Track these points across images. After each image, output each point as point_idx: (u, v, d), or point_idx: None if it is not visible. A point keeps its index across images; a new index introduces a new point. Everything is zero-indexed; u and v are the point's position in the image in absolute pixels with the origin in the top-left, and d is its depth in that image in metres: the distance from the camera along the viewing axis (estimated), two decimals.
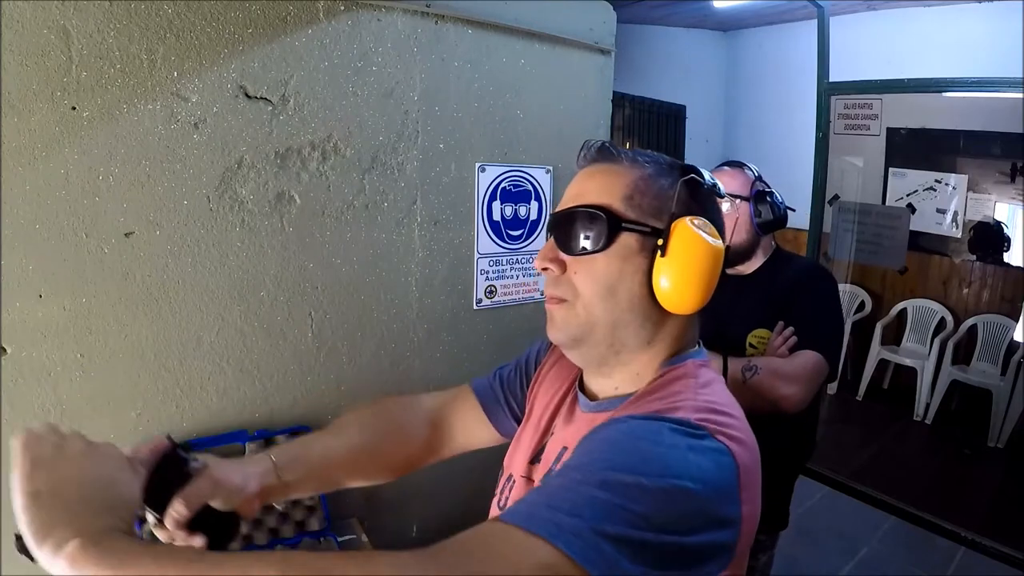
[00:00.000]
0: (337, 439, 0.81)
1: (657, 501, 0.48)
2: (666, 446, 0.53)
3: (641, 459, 0.51)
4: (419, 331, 1.52)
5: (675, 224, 0.63)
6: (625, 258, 0.64)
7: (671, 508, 0.49)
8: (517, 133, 1.60)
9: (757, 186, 1.36)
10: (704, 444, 0.55)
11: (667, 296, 0.63)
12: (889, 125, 3.94)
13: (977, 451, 3.53)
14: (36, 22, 0.99)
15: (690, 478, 0.50)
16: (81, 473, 0.53)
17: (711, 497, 0.51)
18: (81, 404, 1.12)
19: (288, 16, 1.22)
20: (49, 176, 1.03)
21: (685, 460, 0.52)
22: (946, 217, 3.97)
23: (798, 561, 2.35)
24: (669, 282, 0.63)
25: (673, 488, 0.49)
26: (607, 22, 1.72)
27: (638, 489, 0.48)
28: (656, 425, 0.55)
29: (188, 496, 0.63)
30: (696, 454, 0.53)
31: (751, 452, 0.58)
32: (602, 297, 0.64)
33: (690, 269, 0.62)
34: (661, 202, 0.65)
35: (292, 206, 1.28)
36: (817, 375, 1.20)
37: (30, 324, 1.05)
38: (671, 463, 0.51)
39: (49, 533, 0.46)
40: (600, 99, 1.75)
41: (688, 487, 0.50)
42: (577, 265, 0.65)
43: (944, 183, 3.95)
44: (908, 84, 3.15)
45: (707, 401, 0.60)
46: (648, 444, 0.53)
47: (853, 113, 3.88)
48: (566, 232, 0.65)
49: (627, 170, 0.67)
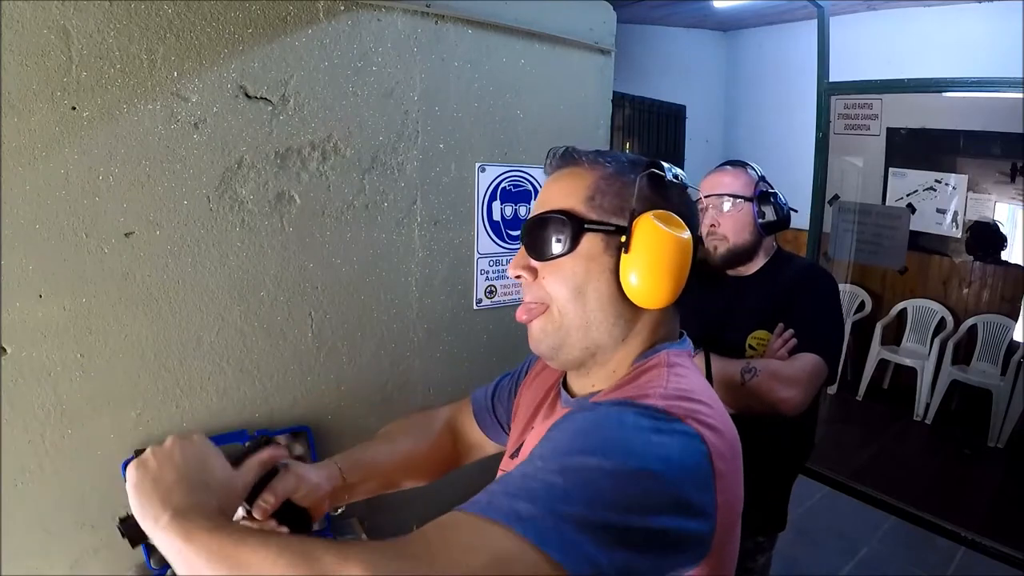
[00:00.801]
0: (389, 445, 0.90)
1: (618, 483, 0.48)
2: (629, 429, 0.53)
3: (601, 442, 0.52)
4: (419, 331, 1.52)
5: (637, 220, 0.64)
6: (591, 258, 0.65)
7: (633, 489, 0.48)
8: (517, 133, 1.60)
9: (760, 186, 1.35)
10: (671, 427, 0.55)
11: (636, 292, 0.64)
12: (889, 125, 3.94)
13: (977, 451, 3.53)
14: (36, 22, 0.99)
15: (653, 458, 0.51)
16: (177, 459, 0.60)
17: (677, 479, 0.51)
18: (81, 404, 1.11)
19: (288, 16, 1.22)
20: (49, 176, 1.03)
21: (648, 442, 0.52)
22: (946, 217, 3.97)
23: (798, 561, 2.35)
24: (636, 278, 0.63)
25: (634, 469, 0.49)
26: (607, 22, 1.71)
27: (598, 472, 0.48)
28: (619, 410, 0.56)
29: (276, 489, 0.71)
30: (661, 436, 0.53)
31: (727, 441, 0.58)
32: (572, 299, 0.65)
33: (655, 263, 0.63)
34: (623, 200, 0.66)
35: (292, 206, 1.28)
36: (816, 378, 1.19)
37: (30, 324, 1.05)
38: (632, 445, 0.52)
39: (149, 512, 0.54)
40: (600, 99, 1.75)
41: (650, 468, 0.50)
42: (547, 270, 0.67)
43: (944, 183, 3.95)
44: (908, 84, 3.15)
45: (678, 388, 0.60)
46: (610, 428, 0.54)
47: (853, 113, 3.88)
48: (534, 238, 0.67)
49: (588, 172, 0.68)
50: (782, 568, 1.23)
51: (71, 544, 1.14)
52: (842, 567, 2.43)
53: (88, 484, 1.14)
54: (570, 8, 1.63)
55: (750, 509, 1.21)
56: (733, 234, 1.34)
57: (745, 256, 1.36)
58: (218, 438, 1.25)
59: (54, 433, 1.10)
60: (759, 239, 1.35)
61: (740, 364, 1.19)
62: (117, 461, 1.14)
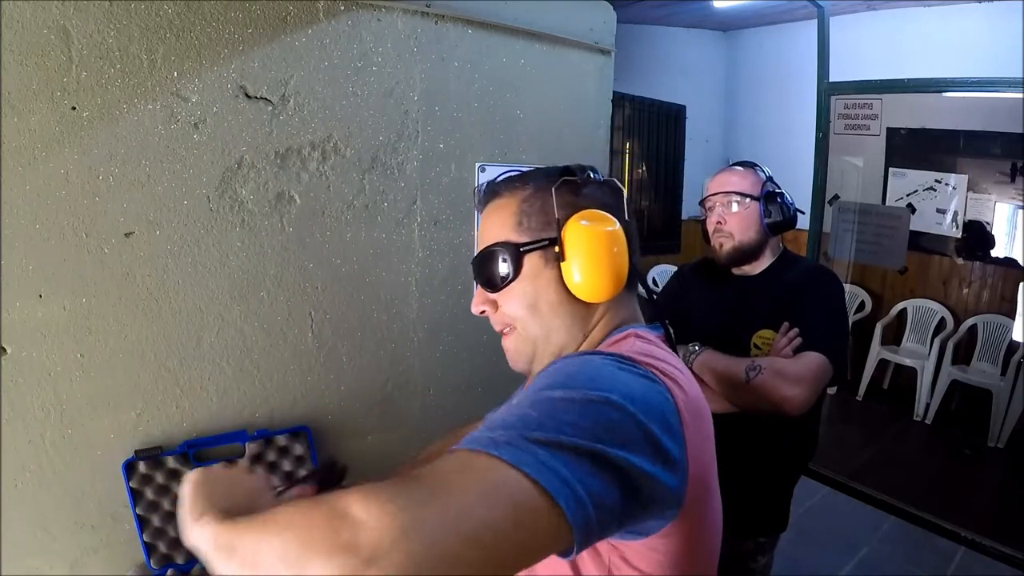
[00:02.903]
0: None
1: (584, 410, 0.52)
2: (595, 366, 0.59)
3: (567, 377, 0.56)
4: (419, 331, 1.52)
5: (564, 228, 0.69)
6: (536, 275, 0.71)
7: (600, 416, 0.52)
8: (517, 133, 1.59)
9: (767, 186, 1.36)
10: (636, 370, 0.59)
11: (582, 291, 0.69)
12: (889, 125, 3.94)
13: (977, 451, 3.53)
14: (36, 22, 0.98)
15: (618, 392, 0.54)
16: (239, 479, 0.61)
17: (641, 412, 0.54)
18: (81, 404, 1.11)
19: (288, 16, 1.22)
20: (49, 176, 1.03)
21: (613, 376, 0.57)
22: (946, 217, 3.97)
23: (798, 561, 2.35)
24: (579, 278, 0.69)
25: (599, 398, 0.53)
26: (607, 22, 1.71)
27: (565, 402, 0.52)
28: (588, 356, 0.62)
29: None
30: (626, 374, 0.58)
31: (691, 401, 0.62)
32: (530, 316, 0.71)
33: (591, 260, 0.68)
34: (547, 214, 0.71)
35: (292, 206, 1.28)
36: (821, 377, 1.19)
37: (30, 324, 1.05)
38: (598, 379, 0.56)
39: (192, 519, 0.53)
40: (600, 99, 1.75)
41: (614, 399, 0.53)
42: (502, 299, 0.73)
43: (944, 183, 3.95)
44: (908, 84, 3.15)
45: (644, 350, 0.65)
46: (575, 366, 0.59)
47: (853, 113, 3.87)
48: (483, 274, 0.74)
49: (510, 199, 0.74)
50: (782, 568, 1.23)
51: (71, 544, 1.14)
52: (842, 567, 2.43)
53: (88, 484, 1.14)
54: (570, 8, 1.63)
55: (752, 509, 1.22)
56: (739, 232, 1.34)
57: (750, 255, 1.36)
58: (218, 438, 1.25)
59: (54, 433, 1.09)
60: (765, 238, 1.36)
61: (745, 362, 1.19)
62: (117, 461, 1.14)
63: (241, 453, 1.26)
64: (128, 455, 1.15)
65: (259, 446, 1.27)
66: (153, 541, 1.16)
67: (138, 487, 1.15)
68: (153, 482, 1.16)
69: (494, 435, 0.49)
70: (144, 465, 1.16)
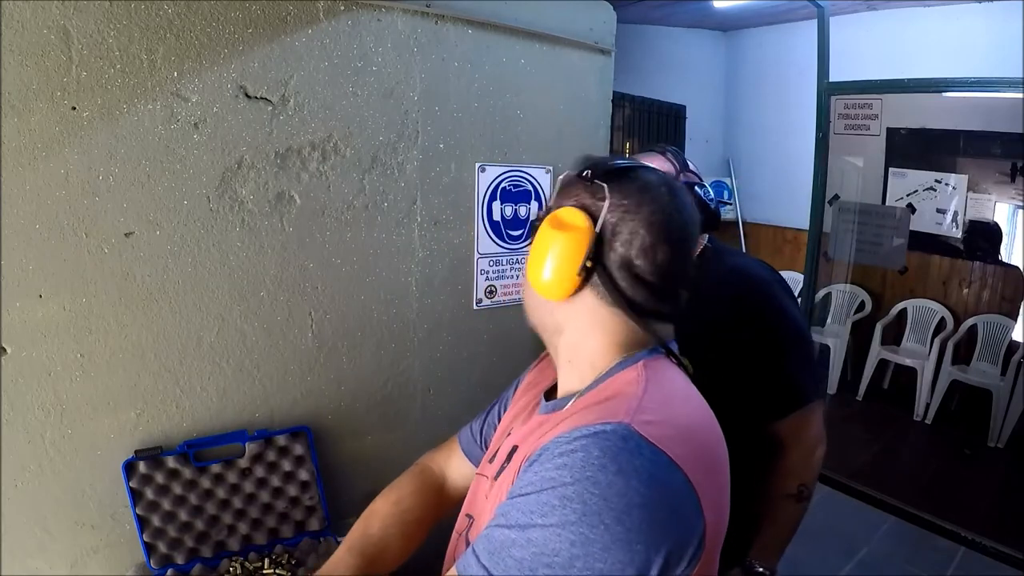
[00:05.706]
0: (400, 527, 0.92)
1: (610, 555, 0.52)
2: (613, 513, 0.53)
3: (588, 526, 0.52)
4: (419, 331, 1.52)
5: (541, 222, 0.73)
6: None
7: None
8: (517, 133, 1.59)
9: (683, 177, 1.16)
10: (652, 469, 0.55)
11: (535, 285, 0.70)
12: (889, 125, 3.94)
13: (977, 451, 3.53)
14: (36, 22, 0.99)
15: (641, 544, 0.52)
16: None
17: (664, 553, 0.54)
18: (81, 404, 1.11)
19: (288, 16, 1.22)
20: (49, 176, 1.03)
21: (629, 524, 0.52)
22: (946, 217, 3.97)
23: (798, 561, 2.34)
24: (532, 272, 0.71)
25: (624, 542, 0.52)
26: (607, 22, 1.71)
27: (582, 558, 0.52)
28: (602, 478, 0.54)
29: None
30: (641, 492, 0.53)
31: (707, 453, 0.61)
32: (524, 290, 0.77)
33: (536, 259, 0.69)
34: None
35: (292, 206, 1.28)
36: (819, 424, 1.23)
37: (30, 324, 1.05)
38: (615, 545, 0.52)
39: None
40: (600, 99, 1.75)
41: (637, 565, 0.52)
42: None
43: (944, 183, 3.95)
44: (908, 84, 3.15)
45: (656, 404, 0.61)
46: (594, 513, 0.53)
47: (853, 113, 3.87)
48: None
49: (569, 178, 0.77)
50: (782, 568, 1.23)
51: (71, 544, 1.14)
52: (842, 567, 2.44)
53: (88, 484, 1.14)
54: (570, 8, 1.63)
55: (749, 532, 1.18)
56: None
57: None
58: (218, 438, 1.25)
59: (54, 433, 1.10)
60: None
61: (791, 508, 1.21)
62: (117, 461, 1.14)
63: (241, 453, 1.26)
64: (128, 455, 1.15)
65: (259, 446, 1.27)
66: (153, 541, 1.16)
67: (138, 487, 1.15)
68: (153, 482, 1.16)
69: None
70: (144, 465, 1.16)
